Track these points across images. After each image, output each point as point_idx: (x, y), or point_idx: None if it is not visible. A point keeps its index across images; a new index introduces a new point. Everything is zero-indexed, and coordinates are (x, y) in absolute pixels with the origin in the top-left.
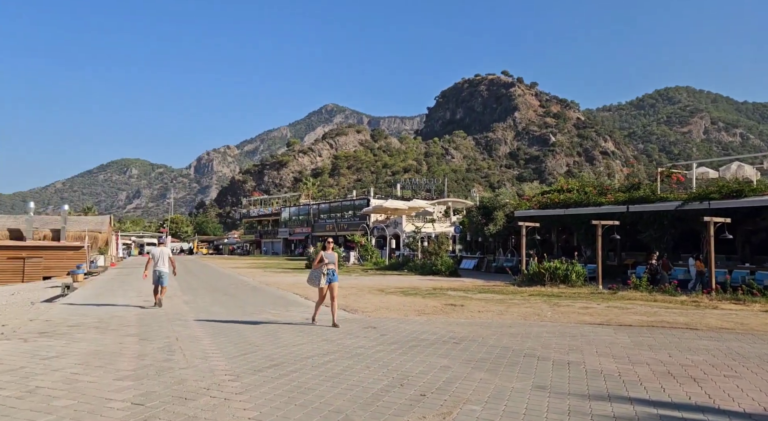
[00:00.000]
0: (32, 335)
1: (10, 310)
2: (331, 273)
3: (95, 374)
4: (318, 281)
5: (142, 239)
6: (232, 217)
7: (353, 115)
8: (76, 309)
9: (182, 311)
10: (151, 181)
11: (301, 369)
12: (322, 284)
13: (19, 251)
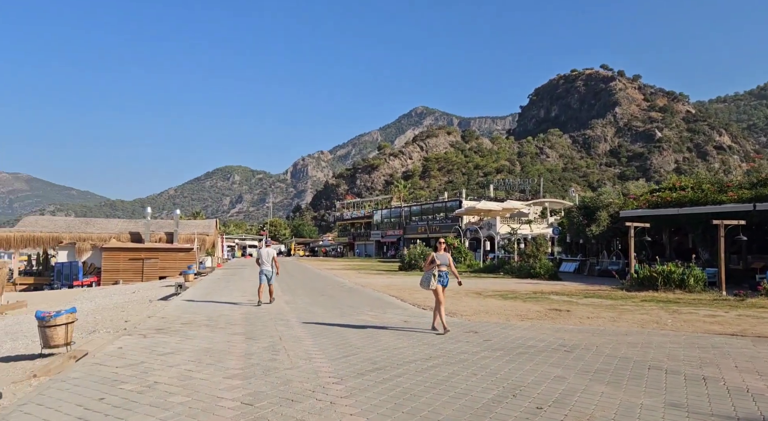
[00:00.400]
0: (150, 332)
1: (132, 307)
2: (444, 275)
3: (207, 372)
4: (429, 283)
5: (244, 242)
6: (326, 220)
7: (443, 117)
8: (188, 307)
9: (284, 311)
10: (252, 186)
11: (405, 374)
12: (433, 285)
13: (138, 252)
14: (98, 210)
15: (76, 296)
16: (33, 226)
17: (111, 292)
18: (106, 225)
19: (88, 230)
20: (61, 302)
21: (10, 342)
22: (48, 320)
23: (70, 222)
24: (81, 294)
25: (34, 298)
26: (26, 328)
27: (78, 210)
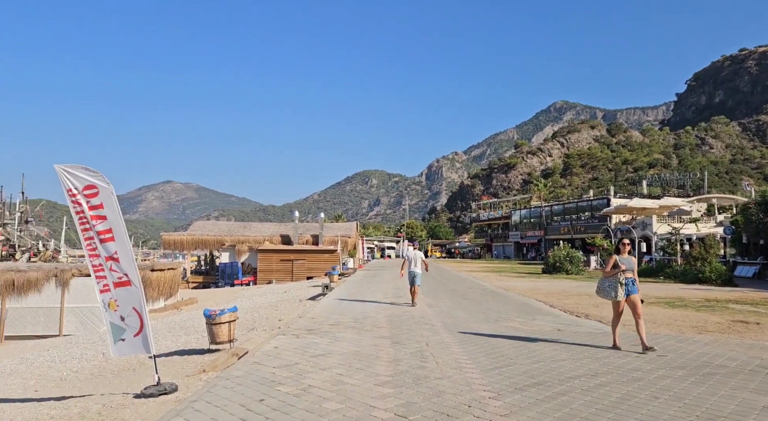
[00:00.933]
0: (302, 332)
1: (284, 306)
2: (630, 283)
3: (357, 377)
4: (613, 292)
5: (383, 243)
6: (461, 221)
7: (585, 111)
8: (335, 308)
9: (427, 314)
10: (389, 189)
11: (569, 392)
12: (619, 296)
13: (288, 254)
14: (253, 214)
15: (237, 294)
16: (201, 230)
17: (266, 291)
18: (260, 228)
19: (245, 233)
20: (224, 300)
21: (184, 336)
22: (214, 318)
23: (231, 226)
24: (241, 292)
25: (202, 295)
26: (197, 323)
27: (237, 215)
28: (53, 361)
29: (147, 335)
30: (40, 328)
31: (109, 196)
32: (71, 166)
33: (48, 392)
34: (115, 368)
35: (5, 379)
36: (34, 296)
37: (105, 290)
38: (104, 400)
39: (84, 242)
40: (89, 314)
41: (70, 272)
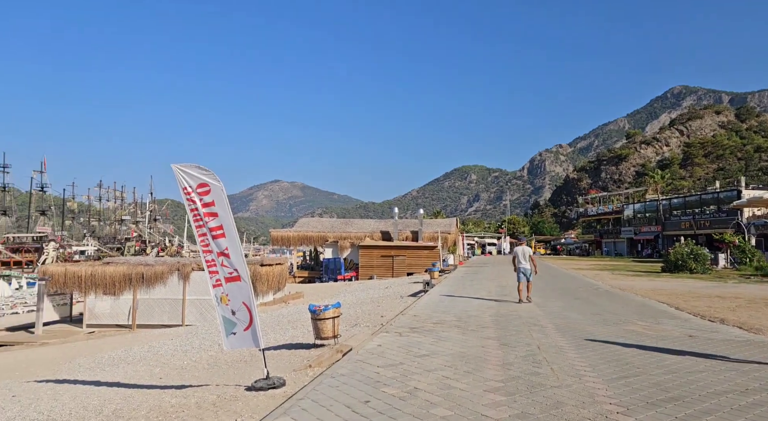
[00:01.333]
0: (405, 330)
1: (386, 302)
2: None
3: (466, 381)
4: None
5: (483, 240)
6: (567, 216)
7: (708, 95)
8: (437, 306)
9: (535, 314)
10: (488, 184)
11: (716, 411)
12: None
13: (389, 250)
14: (354, 211)
15: (340, 289)
16: (306, 226)
17: (367, 286)
18: (361, 225)
19: (347, 229)
20: (329, 295)
21: (291, 330)
22: (318, 314)
23: (334, 223)
24: (344, 288)
25: (308, 289)
26: (303, 317)
27: (339, 212)
28: (176, 350)
29: (256, 330)
30: (165, 318)
31: (220, 194)
32: (186, 166)
33: (170, 380)
34: (230, 359)
35: (135, 365)
36: (160, 288)
37: (217, 285)
38: (219, 391)
39: (198, 239)
40: (207, 306)
41: (190, 266)
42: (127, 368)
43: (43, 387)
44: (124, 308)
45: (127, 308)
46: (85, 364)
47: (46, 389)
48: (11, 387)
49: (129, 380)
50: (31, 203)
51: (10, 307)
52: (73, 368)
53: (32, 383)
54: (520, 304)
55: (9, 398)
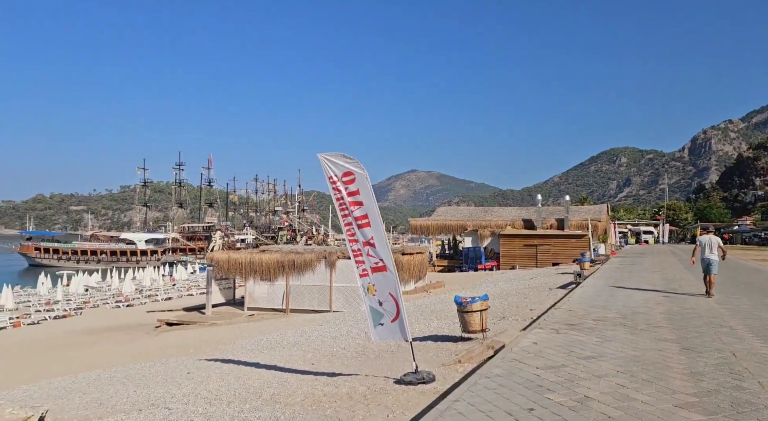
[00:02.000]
0: (561, 326)
1: (533, 294)
2: None
3: (646, 392)
4: None
5: (638, 228)
6: (740, 200)
7: None
8: (593, 300)
9: (718, 313)
10: (641, 167)
11: None
12: None
13: (532, 239)
14: (492, 199)
15: (481, 279)
16: (444, 215)
17: (510, 277)
18: (501, 213)
19: (486, 217)
20: (470, 285)
21: (435, 321)
22: (465, 306)
23: (472, 211)
24: (485, 277)
25: (448, 278)
26: (446, 308)
27: (476, 200)
28: (325, 336)
29: (403, 321)
30: (315, 303)
31: (364, 182)
32: (331, 155)
33: (321, 366)
34: (377, 349)
35: (289, 349)
36: (310, 275)
37: (364, 275)
38: (368, 382)
39: (344, 228)
40: (352, 293)
41: (335, 254)
42: (283, 352)
43: (211, 366)
44: (279, 293)
45: (281, 293)
46: (246, 345)
47: (214, 368)
48: (186, 364)
49: (284, 363)
50: (201, 196)
51: (186, 289)
52: (236, 348)
53: (203, 361)
54: (696, 299)
55: (185, 374)
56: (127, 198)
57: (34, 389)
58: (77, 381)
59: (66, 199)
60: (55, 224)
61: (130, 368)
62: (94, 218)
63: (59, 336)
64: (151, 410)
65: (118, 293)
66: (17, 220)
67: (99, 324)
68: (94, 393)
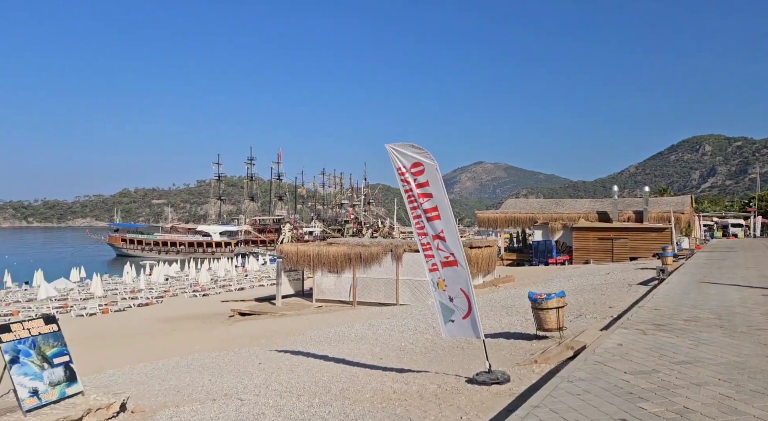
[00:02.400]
0: (648, 326)
1: (610, 290)
2: None
3: (759, 405)
4: None
5: (725, 220)
6: None
7: None
8: (682, 298)
9: None
10: (727, 156)
11: None
12: None
13: (607, 232)
14: (562, 191)
15: (553, 273)
16: (512, 208)
17: (584, 271)
18: (574, 205)
19: (558, 210)
20: (541, 279)
21: (506, 317)
22: (540, 303)
23: (542, 203)
24: (557, 272)
25: (518, 273)
26: (517, 303)
27: (545, 192)
28: (392, 330)
29: (475, 318)
30: (382, 296)
31: (434, 173)
32: (400, 145)
33: (390, 362)
34: (446, 345)
35: (357, 343)
36: (376, 268)
37: (433, 269)
38: (439, 380)
39: (413, 221)
40: (419, 287)
41: (402, 247)
42: (351, 345)
43: (282, 357)
44: (346, 285)
45: (348, 286)
46: (315, 337)
47: (284, 359)
48: (258, 354)
49: (352, 357)
50: (271, 190)
51: (258, 280)
52: (305, 340)
53: (274, 352)
54: None
55: (256, 364)
56: (203, 192)
57: (119, 374)
58: (157, 368)
59: (148, 193)
60: (139, 216)
61: (205, 356)
62: (174, 211)
63: (142, 323)
64: (224, 400)
65: (195, 282)
66: (106, 213)
67: (177, 312)
68: (172, 380)
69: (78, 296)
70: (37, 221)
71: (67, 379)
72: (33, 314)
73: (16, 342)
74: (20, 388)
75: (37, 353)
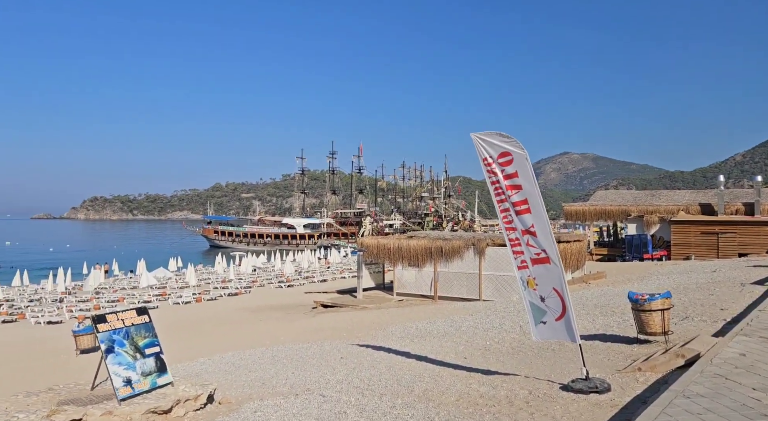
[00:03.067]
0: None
1: (719, 289)
2: None
3: None
4: None
5: None
6: None
7: None
8: None
9: None
10: None
11: None
12: None
13: (712, 226)
14: (657, 182)
15: (649, 270)
16: (603, 200)
17: (686, 268)
18: (672, 197)
19: (654, 202)
20: (637, 276)
21: (601, 317)
22: (642, 304)
23: (636, 195)
24: (654, 269)
25: (610, 269)
26: (612, 302)
27: (637, 183)
28: (476, 327)
29: (570, 321)
30: (464, 291)
31: (523, 163)
32: (486, 134)
33: (474, 362)
34: (535, 345)
35: (440, 340)
36: (458, 262)
37: (523, 267)
38: (529, 385)
39: (500, 214)
40: (503, 283)
41: (485, 241)
42: (433, 342)
43: (363, 352)
44: (426, 280)
45: (429, 280)
46: (396, 332)
47: (365, 354)
48: (339, 348)
49: (435, 355)
50: (352, 184)
51: (339, 272)
52: (386, 335)
53: (355, 346)
54: None
55: (338, 359)
56: (288, 186)
57: (209, 363)
58: (244, 358)
59: (238, 187)
60: (229, 209)
61: (289, 348)
62: (261, 204)
63: (231, 312)
64: (307, 395)
65: (280, 273)
66: (200, 206)
67: (264, 303)
68: (257, 371)
69: (175, 285)
70: (141, 214)
71: (158, 369)
72: (136, 301)
73: (111, 332)
74: (115, 377)
75: (130, 344)
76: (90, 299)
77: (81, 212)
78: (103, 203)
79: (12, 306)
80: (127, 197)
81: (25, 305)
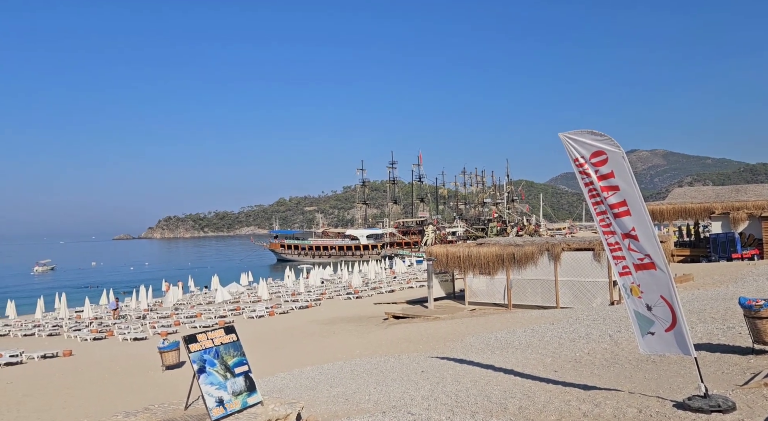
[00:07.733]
0: None
1: None
2: None
3: None
4: None
5: None
6: None
7: None
8: None
9: None
10: None
11: None
12: None
13: None
14: (737, 176)
15: (741, 270)
16: (682, 197)
17: None
18: (760, 191)
19: (740, 197)
20: (727, 278)
21: (700, 324)
22: (756, 310)
23: (719, 191)
24: (747, 269)
25: (696, 270)
26: (709, 306)
27: (715, 178)
28: (561, 337)
29: (682, 332)
30: (539, 298)
31: (619, 162)
32: (576, 133)
33: (567, 376)
34: (630, 356)
35: (524, 351)
36: (531, 269)
37: (625, 273)
38: (637, 402)
39: (596, 218)
40: (581, 288)
41: (560, 246)
42: (517, 354)
43: (444, 365)
44: (499, 287)
45: (502, 288)
46: (475, 344)
47: (447, 367)
48: (419, 361)
49: (522, 368)
50: (412, 192)
51: (406, 282)
52: (465, 346)
53: (434, 358)
54: None
55: (419, 372)
56: (349, 197)
57: (289, 377)
58: (323, 372)
59: (301, 201)
60: (294, 223)
61: (366, 361)
62: (324, 217)
63: (305, 325)
64: (394, 412)
65: (348, 285)
66: (266, 221)
67: (335, 315)
68: (339, 387)
69: (248, 299)
70: (211, 231)
71: (247, 388)
72: (212, 316)
73: (202, 352)
74: (208, 397)
75: (220, 363)
76: (170, 315)
77: (157, 231)
78: (176, 222)
79: (101, 324)
80: (198, 215)
81: (113, 323)
